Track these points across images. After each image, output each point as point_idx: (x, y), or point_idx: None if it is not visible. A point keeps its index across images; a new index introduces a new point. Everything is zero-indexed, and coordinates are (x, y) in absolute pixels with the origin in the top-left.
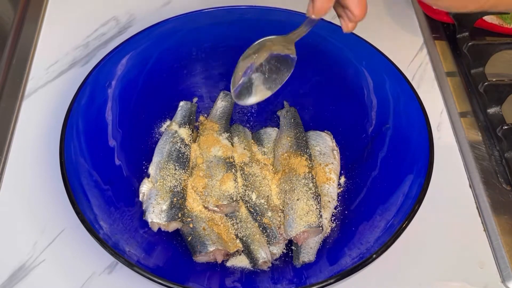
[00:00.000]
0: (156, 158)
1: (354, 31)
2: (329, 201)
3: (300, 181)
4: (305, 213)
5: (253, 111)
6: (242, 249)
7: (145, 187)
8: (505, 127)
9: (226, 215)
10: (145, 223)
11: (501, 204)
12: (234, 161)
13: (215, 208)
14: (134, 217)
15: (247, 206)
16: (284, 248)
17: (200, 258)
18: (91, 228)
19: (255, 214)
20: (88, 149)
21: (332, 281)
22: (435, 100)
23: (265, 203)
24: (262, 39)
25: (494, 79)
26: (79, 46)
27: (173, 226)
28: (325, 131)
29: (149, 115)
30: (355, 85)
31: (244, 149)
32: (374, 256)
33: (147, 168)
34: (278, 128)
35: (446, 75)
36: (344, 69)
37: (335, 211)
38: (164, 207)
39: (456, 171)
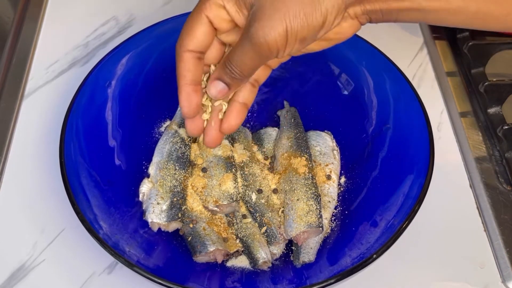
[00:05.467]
0: (156, 158)
1: None
2: (329, 201)
3: (300, 181)
4: (305, 213)
5: (253, 111)
6: (242, 249)
7: (145, 187)
8: (506, 127)
9: (226, 215)
10: (145, 223)
11: (501, 204)
12: (234, 161)
13: (215, 208)
14: (134, 217)
15: (247, 206)
16: (284, 248)
17: (200, 258)
18: (91, 228)
19: (255, 214)
20: (88, 149)
21: (332, 281)
22: (435, 100)
23: (265, 203)
24: None
25: (494, 79)
26: (79, 46)
27: (173, 226)
28: (325, 131)
29: (149, 115)
30: (355, 85)
31: (244, 149)
32: (375, 256)
33: (147, 168)
34: (278, 128)
35: (446, 75)
36: (344, 69)
37: (335, 211)
38: (164, 207)
39: (456, 171)
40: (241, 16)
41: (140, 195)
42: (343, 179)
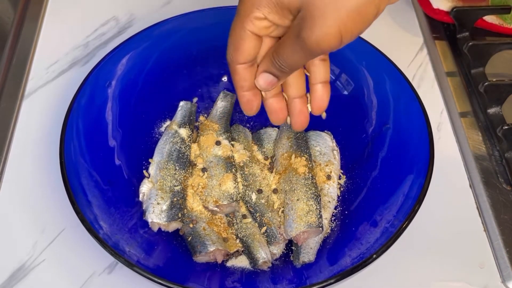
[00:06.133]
0: (156, 158)
1: None
2: (329, 201)
3: (300, 181)
4: (305, 213)
5: None
6: (242, 249)
7: (145, 187)
8: (505, 127)
9: (226, 215)
10: (145, 223)
11: (501, 204)
12: (234, 161)
13: (215, 208)
14: (134, 217)
15: (247, 206)
16: (284, 248)
17: (200, 258)
18: (91, 228)
19: (255, 214)
20: (88, 149)
21: (332, 281)
22: (435, 100)
23: (265, 203)
24: None
25: (494, 79)
26: (79, 46)
27: (173, 226)
28: (325, 131)
29: (149, 115)
30: (355, 85)
31: (244, 149)
32: (374, 256)
33: (147, 168)
34: (278, 128)
35: (446, 75)
36: (344, 69)
37: (335, 211)
38: (164, 207)
39: (456, 171)
40: (285, 22)
41: (140, 195)
42: (343, 179)
